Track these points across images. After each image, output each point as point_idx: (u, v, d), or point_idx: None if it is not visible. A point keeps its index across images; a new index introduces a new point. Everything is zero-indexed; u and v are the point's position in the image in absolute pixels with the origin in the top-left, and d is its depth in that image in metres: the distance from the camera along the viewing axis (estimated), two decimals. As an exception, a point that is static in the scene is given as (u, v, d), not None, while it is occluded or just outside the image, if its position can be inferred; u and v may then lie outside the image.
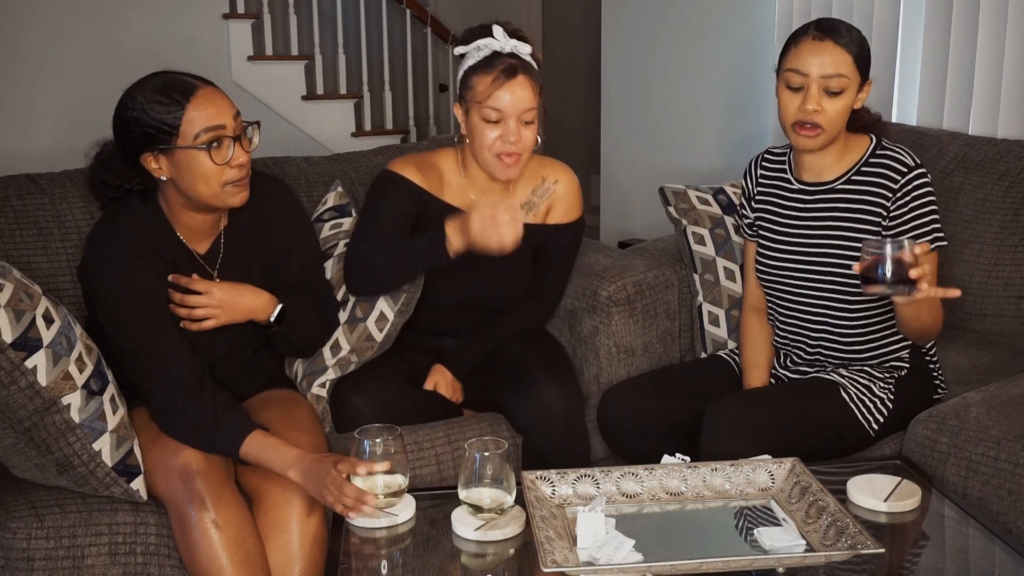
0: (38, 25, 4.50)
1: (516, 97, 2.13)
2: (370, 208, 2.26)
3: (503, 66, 2.13)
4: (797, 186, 2.19)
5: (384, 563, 1.68)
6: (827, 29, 2.05)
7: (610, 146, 4.24)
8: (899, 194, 2.06)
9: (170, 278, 1.96)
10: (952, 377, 2.33)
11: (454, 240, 2.11)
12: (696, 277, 2.53)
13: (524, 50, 2.18)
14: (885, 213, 2.07)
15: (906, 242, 1.75)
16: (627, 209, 4.16)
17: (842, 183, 2.13)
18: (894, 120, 3.13)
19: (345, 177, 2.63)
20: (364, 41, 5.43)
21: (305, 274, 2.17)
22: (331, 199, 2.52)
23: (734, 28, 3.64)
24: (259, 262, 2.11)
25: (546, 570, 1.48)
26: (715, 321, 2.50)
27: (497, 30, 2.17)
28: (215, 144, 1.89)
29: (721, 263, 2.51)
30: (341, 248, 2.33)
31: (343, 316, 2.26)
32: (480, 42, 2.17)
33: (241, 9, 5.01)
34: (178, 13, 4.79)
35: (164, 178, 1.93)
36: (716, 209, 2.58)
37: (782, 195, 2.22)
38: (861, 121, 2.14)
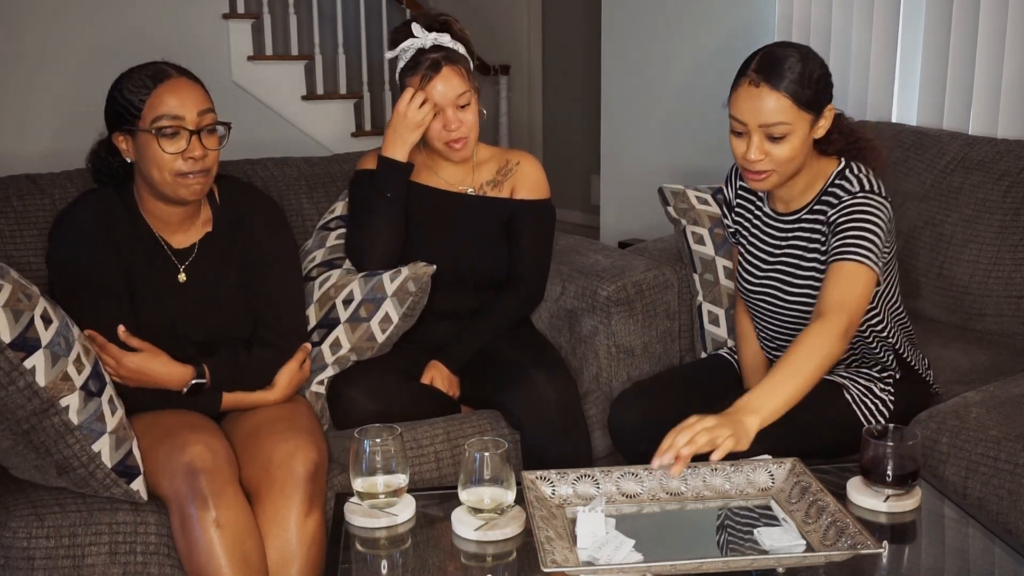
0: (37, 25, 4.50)
1: (446, 88, 2.28)
2: (353, 206, 2.44)
3: (428, 63, 2.27)
4: (769, 211, 2.16)
5: (384, 563, 1.68)
6: (766, 70, 1.91)
7: (610, 146, 4.24)
8: (835, 210, 1.99)
9: (86, 332, 1.95)
10: (952, 377, 2.33)
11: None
12: (696, 277, 2.53)
13: (444, 39, 2.31)
14: (828, 231, 2.00)
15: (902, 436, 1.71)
16: (627, 209, 4.16)
17: (807, 212, 2.07)
18: (894, 120, 3.13)
19: (345, 177, 2.63)
20: (364, 41, 5.43)
21: (273, 296, 2.15)
22: (339, 208, 2.53)
23: (734, 28, 3.64)
24: (234, 272, 2.12)
25: (546, 570, 1.48)
26: (715, 320, 2.50)
27: (415, 27, 2.31)
28: (169, 132, 1.93)
29: (721, 262, 2.51)
30: (347, 264, 2.39)
31: (345, 315, 2.26)
32: (404, 44, 2.31)
33: (241, 9, 5.01)
34: (178, 13, 4.79)
35: (129, 160, 2.01)
36: (715, 208, 2.58)
37: (756, 219, 2.19)
38: (834, 147, 2.05)
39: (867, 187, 1.99)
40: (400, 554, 1.70)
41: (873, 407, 2.10)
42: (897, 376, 2.15)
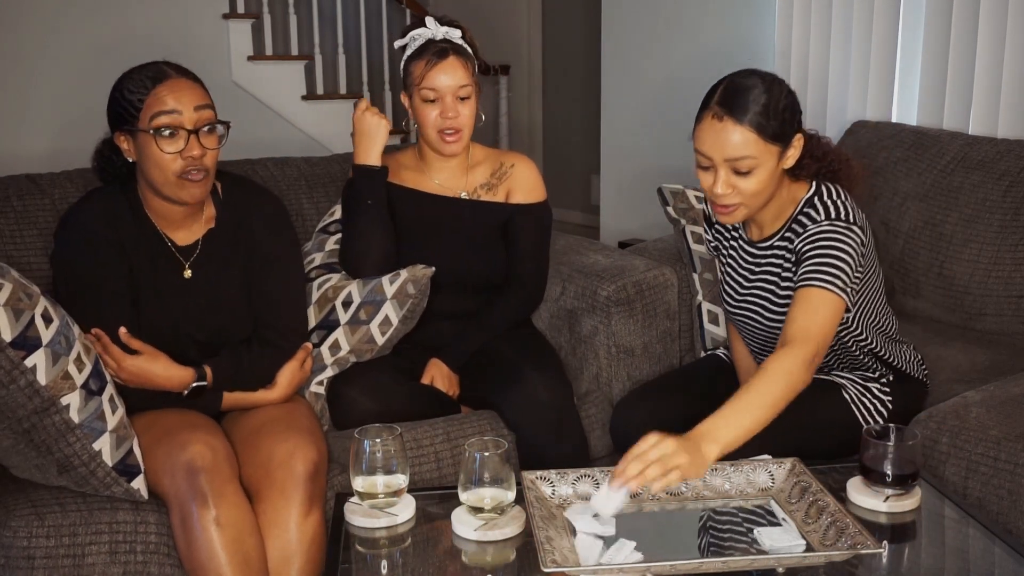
0: (37, 25, 4.50)
1: (449, 76, 2.30)
2: (343, 216, 2.45)
3: (435, 50, 2.32)
4: (743, 237, 2.14)
5: (384, 563, 1.68)
6: (729, 103, 1.86)
7: (610, 146, 4.24)
8: (800, 239, 1.95)
9: (94, 331, 1.95)
10: (952, 377, 2.33)
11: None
12: (695, 276, 2.53)
13: (455, 35, 2.36)
14: (795, 258, 1.97)
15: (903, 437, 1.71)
16: (627, 209, 4.16)
17: (778, 240, 2.04)
18: (894, 120, 3.13)
19: (345, 177, 2.63)
20: (364, 41, 5.44)
21: (274, 295, 2.14)
22: (338, 211, 2.53)
23: (734, 28, 3.64)
24: (237, 269, 2.11)
25: (546, 570, 1.48)
26: (715, 320, 2.50)
27: (429, 20, 2.37)
28: (167, 132, 1.93)
29: (721, 263, 2.51)
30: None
31: (345, 317, 2.26)
32: (415, 32, 2.36)
33: (241, 9, 5.01)
34: (178, 13, 4.79)
35: (130, 160, 2.01)
36: (716, 209, 2.58)
37: (732, 242, 2.18)
38: (807, 172, 2.00)
39: (833, 215, 1.94)
40: (400, 554, 1.70)
41: (872, 407, 2.10)
42: (891, 377, 2.16)
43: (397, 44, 2.39)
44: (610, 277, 2.45)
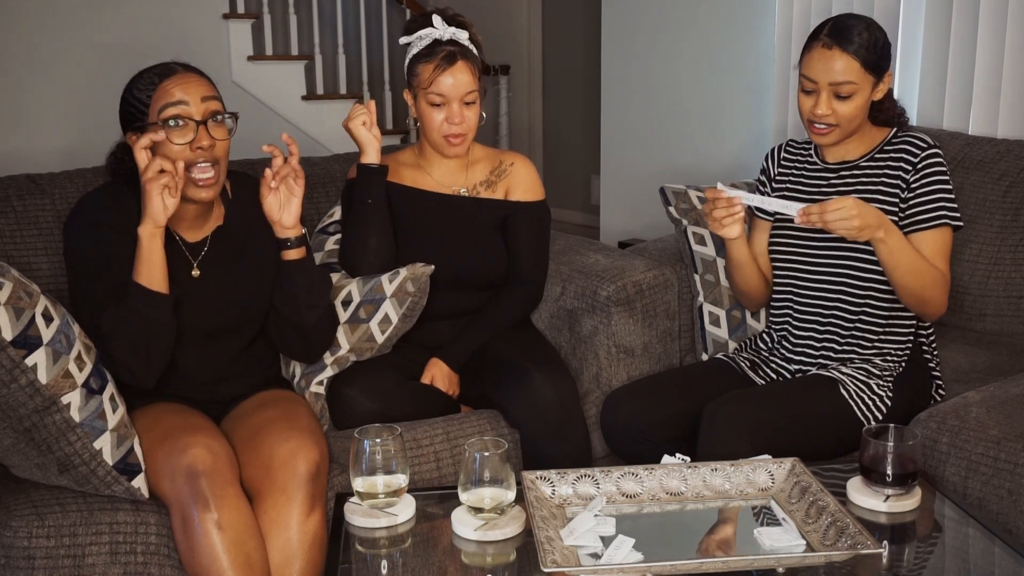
0: (37, 25, 4.50)
1: (456, 82, 2.30)
2: (343, 216, 2.46)
3: (443, 54, 2.30)
4: (821, 166, 2.28)
5: (384, 563, 1.69)
6: (837, 35, 2.09)
7: (610, 146, 4.24)
8: (919, 166, 2.14)
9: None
10: (952, 377, 2.33)
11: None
12: (697, 277, 2.53)
13: (462, 36, 2.34)
14: (904, 186, 2.14)
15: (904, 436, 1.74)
16: (627, 209, 4.16)
17: (865, 160, 2.22)
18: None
19: (344, 178, 2.63)
20: (364, 41, 5.44)
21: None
22: (337, 212, 2.53)
23: (734, 29, 3.64)
24: (246, 267, 2.11)
25: (546, 570, 1.49)
26: (716, 321, 2.50)
27: (436, 19, 2.34)
28: (175, 123, 1.93)
29: (722, 263, 2.51)
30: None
31: (344, 316, 2.27)
32: (422, 32, 2.34)
33: (241, 9, 5.01)
34: (178, 13, 4.80)
35: None
36: (716, 209, 2.58)
37: (806, 175, 2.30)
38: (884, 115, 2.23)
39: (936, 143, 2.17)
40: (400, 554, 1.70)
41: (871, 402, 2.10)
42: (901, 369, 2.17)
43: (402, 41, 2.38)
44: (610, 277, 2.45)
